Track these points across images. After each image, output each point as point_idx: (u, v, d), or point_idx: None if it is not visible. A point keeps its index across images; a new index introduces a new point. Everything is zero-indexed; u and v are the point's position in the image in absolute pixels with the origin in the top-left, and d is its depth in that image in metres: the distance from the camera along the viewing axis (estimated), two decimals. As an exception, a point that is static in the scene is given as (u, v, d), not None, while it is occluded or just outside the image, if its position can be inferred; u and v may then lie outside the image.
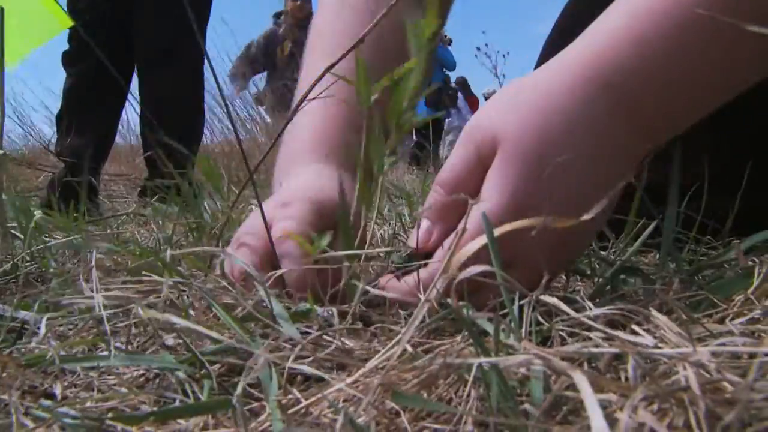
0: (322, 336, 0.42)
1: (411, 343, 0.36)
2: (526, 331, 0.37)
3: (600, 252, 0.64)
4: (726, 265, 0.53)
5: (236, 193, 0.61)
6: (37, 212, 0.88)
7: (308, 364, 0.37)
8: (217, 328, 0.41)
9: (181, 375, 0.38)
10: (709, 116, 0.49)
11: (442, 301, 0.39)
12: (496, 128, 0.46)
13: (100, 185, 2.53)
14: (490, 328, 0.35)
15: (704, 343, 0.35)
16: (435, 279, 0.38)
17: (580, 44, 0.48)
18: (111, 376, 0.41)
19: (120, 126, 2.87)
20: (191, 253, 0.58)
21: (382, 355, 0.34)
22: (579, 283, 0.60)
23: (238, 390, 0.31)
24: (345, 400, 0.33)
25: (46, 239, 0.83)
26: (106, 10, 2.27)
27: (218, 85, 0.97)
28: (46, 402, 0.36)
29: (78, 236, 0.82)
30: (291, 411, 0.32)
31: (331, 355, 0.39)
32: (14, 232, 0.83)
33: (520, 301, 0.37)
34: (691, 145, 0.52)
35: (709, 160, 0.62)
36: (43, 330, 0.46)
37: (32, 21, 2.02)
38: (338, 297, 0.49)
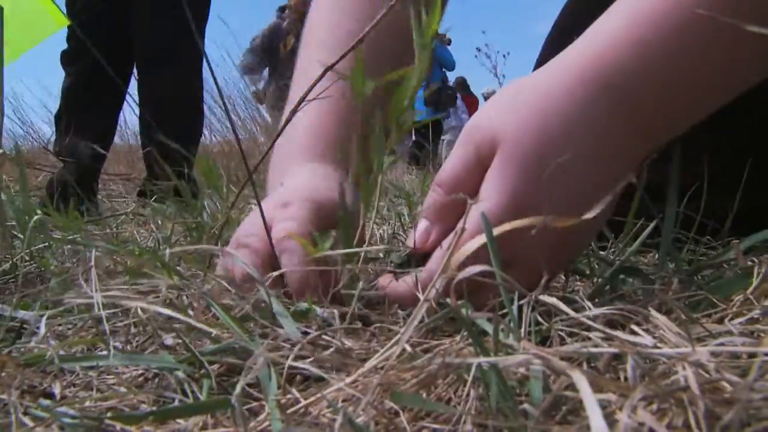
0: (322, 336, 0.42)
1: (410, 342, 0.36)
2: (525, 331, 0.37)
3: (599, 252, 0.64)
4: (725, 265, 0.53)
5: (235, 193, 0.61)
6: (37, 212, 0.88)
7: (307, 363, 0.37)
8: (217, 328, 0.41)
9: (180, 375, 0.38)
10: (708, 116, 0.49)
11: (441, 301, 0.39)
12: (496, 129, 0.46)
13: (99, 185, 2.53)
14: (489, 328, 0.35)
15: (703, 343, 0.35)
16: (434, 279, 0.38)
17: (580, 45, 0.48)
18: (110, 376, 0.41)
19: (119, 126, 2.86)
20: (191, 252, 0.58)
21: (381, 354, 0.34)
22: (578, 283, 0.60)
23: (237, 390, 0.31)
24: (344, 400, 0.33)
25: (46, 238, 0.83)
26: (103, 10, 2.26)
27: (217, 86, 0.98)
28: (45, 401, 0.36)
29: (77, 236, 0.82)
30: (290, 411, 0.32)
31: (331, 355, 0.39)
32: (14, 231, 0.83)
33: (519, 301, 0.37)
34: (690, 145, 0.52)
35: (708, 160, 0.62)
36: (42, 329, 0.46)
37: (28, 20, 2.02)
38: (338, 297, 0.49)
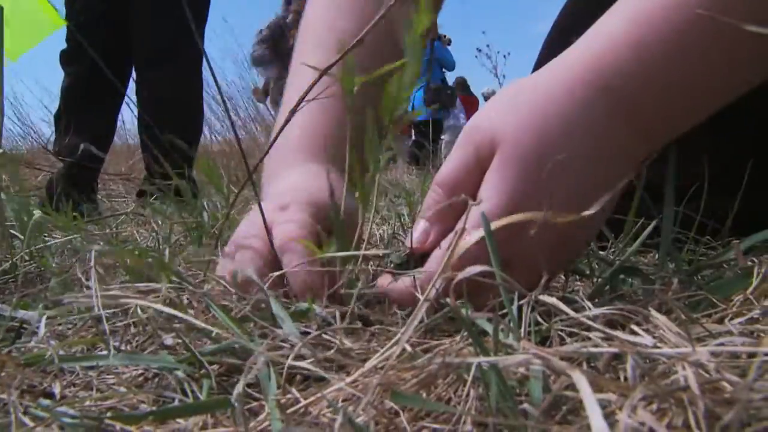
0: (321, 335, 0.42)
1: (410, 342, 0.36)
2: (525, 331, 0.37)
3: (599, 252, 0.64)
4: (725, 265, 0.53)
5: (235, 192, 0.61)
6: (36, 212, 0.88)
7: (307, 363, 0.37)
8: (217, 328, 0.41)
9: (180, 374, 0.38)
10: (708, 117, 0.49)
11: (441, 301, 0.39)
12: (495, 129, 0.46)
13: (99, 185, 2.53)
14: (489, 328, 0.35)
15: (703, 343, 0.35)
16: (434, 279, 0.38)
17: (580, 46, 0.48)
18: (110, 376, 0.41)
19: (119, 126, 2.86)
20: (192, 255, 0.58)
21: (381, 354, 0.34)
22: (578, 283, 0.60)
23: (238, 389, 0.31)
24: (344, 400, 0.33)
25: (45, 239, 0.83)
26: (103, 10, 2.26)
27: (217, 85, 0.98)
28: (45, 401, 0.36)
29: (77, 235, 0.82)
30: (290, 410, 0.32)
31: (330, 355, 0.39)
32: (14, 231, 0.83)
33: (519, 301, 0.37)
34: (690, 146, 0.52)
35: (708, 160, 0.62)
36: (42, 329, 0.46)
37: (26, 21, 2.02)
38: (337, 297, 0.49)
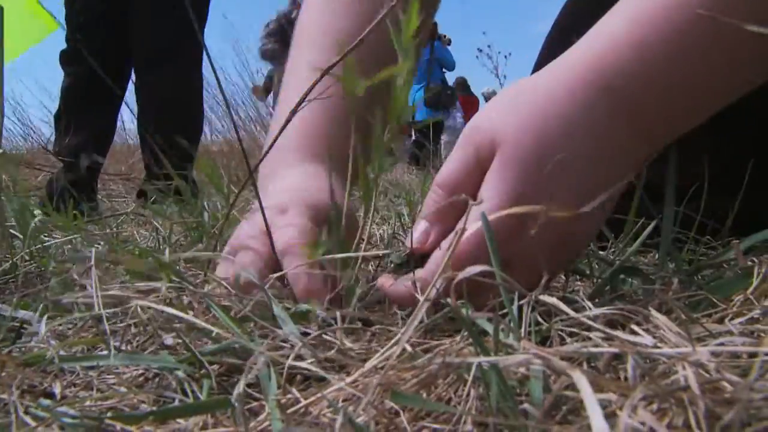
0: (322, 336, 0.42)
1: (410, 342, 0.36)
2: (525, 331, 0.37)
3: (599, 252, 0.64)
4: (725, 265, 0.53)
5: (235, 193, 0.61)
6: (36, 212, 0.88)
7: (307, 363, 0.37)
8: (217, 328, 0.41)
9: (180, 374, 0.38)
10: (709, 117, 0.49)
11: (441, 301, 0.39)
12: (496, 130, 0.46)
13: (99, 185, 2.53)
14: (489, 328, 0.35)
15: (704, 343, 0.35)
16: (434, 279, 0.38)
17: (581, 47, 0.48)
18: (110, 376, 0.41)
19: (119, 126, 2.86)
20: (193, 257, 0.58)
21: (382, 354, 0.34)
22: (578, 283, 0.60)
23: (238, 389, 0.31)
24: (344, 400, 0.33)
25: (45, 239, 0.83)
26: (102, 11, 2.26)
27: (219, 85, 0.98)
28: (46, 401, 0.36)
29: (77, 236, 0.82)
30: (290, 410, 0.32)
31: (331, 355, 0.39)
32: (14, 231, 0.83)
33: (519, 301, 0.37)
34: (691, 146, 0.52)
35: (708, 160, 0.62)
36: (42, 329, 0.46)
37: (20, 24, 2.02)
38: (337, 298, 0.49)
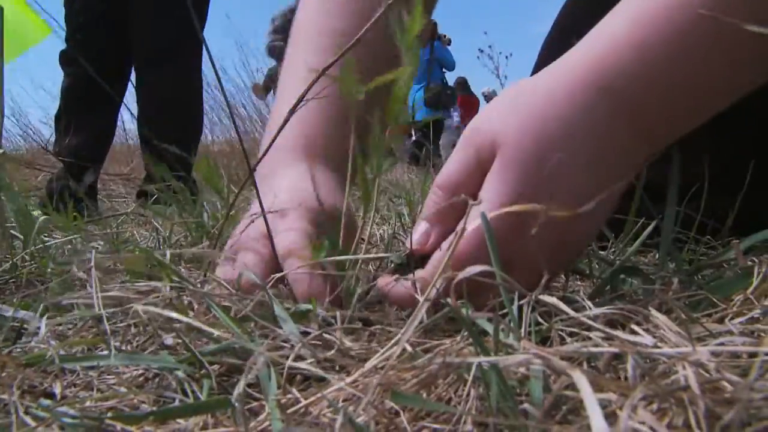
0: (322, 336, 0.42)
1: (410, 342, 0.36)
2: (525, 331, 0.37)
3: (599, 252, 0.64)
4: (725, 265, 0.53)
5: (235, 193, 0.61)
6: (36, 212, 0.88)
7: (308, 363, 0.37)
8: (216, 328, 0.41)
9: (180, 374, 0.38)
10: (710, 117, 0.49)
11: (441, 301, 0.39)
12: (496, 131, 0.46)
13: (99, 185, 2.53)
14: (489, 328, 0.35)
15: (704, 343, 0.35)
16: (434, 279, 0.38)
17: (582, 48, 0.48)
18: (110, 376, 0.41)
19: (119, 126, 2.86)
20: (193, 255, 0.58)
21: (382, 354, 0.34)
22: (578, 282, 0.60)
23: (238, 389, 0.31)
24: (344, 400, 0.33)
25: (45, 239, 0.83)
26: (102, 11, 2.26)
27: (220, 84, 0.98)
28: (46, 401, 0.36)
29: (77, 236, 0.82)
30: (290, 410, 0.32)
31: (331, 355, 0.39)
32: (14, 232, 0.83)
33: (519, 301, 0.37)
34: (691, 146, 0.52)
35: (709, 160, 0.62)
36: (42, 329, 0.46)
37: (12, 30, 2.02)
38: (338, 299, 0.49)
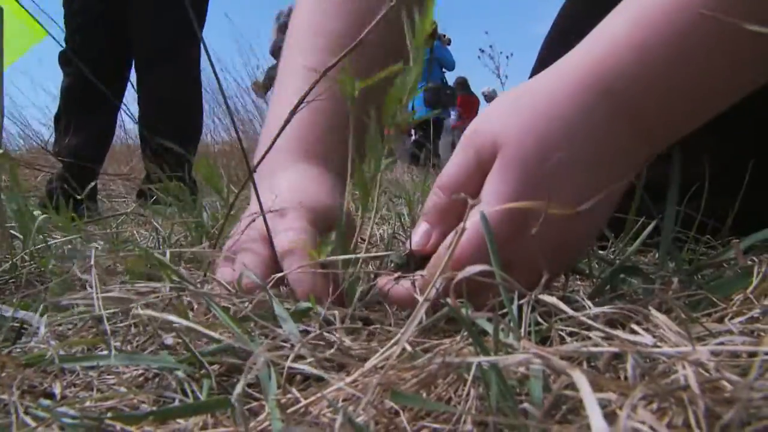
0: (322, 335, 0.42)
1: (410, 342, 0.36)
2: (525, 331, 0.37)
3: (599, 251, 0.64)
4: (725, 265, 0.53)
5: (235, 192, 0.61)
6: (36, 212, 0.88)
7: (307, 363, 0.37)
8: (216, 328, 0.41)
9: (180, 374, 0.38)
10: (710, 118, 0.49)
11: (441, 301, 0.39)
12: (496, 133, 0.46)
13: (99, 185, 2.53)
14: (489, 328, 0.35)
15: (703, 342, 0.35)
16: (434, 279, 0.38)
17: (582, 50, 0.48)
18: (110, 376, 0.41)
19: (118, 126, 2.86)
20: (193, 255, 0.58)
21: (381, 354, 0.34)
22: (578, 282, 0.60)
23: (238, 389, 0.31)
24: (344, 400, 0.33)
25: (45, 239, 0.83)
26: (101, 11, 2.26)
27: (219, 85, 0.98)
28: (46, 401, 0.36)
29: (77, 236, 0.82)
30: (290, 410, 0.32)
31: (331, 355, 0.39)
32: (14, 232, 0.83)
33: (519, 300, 0.37)
34: (691, 146, 0.52)
35: (709, 160, 0.62)
36: (42, 330, 0.46)
37: (8, 33, 2.02)
38: (338, 301, 0.49)
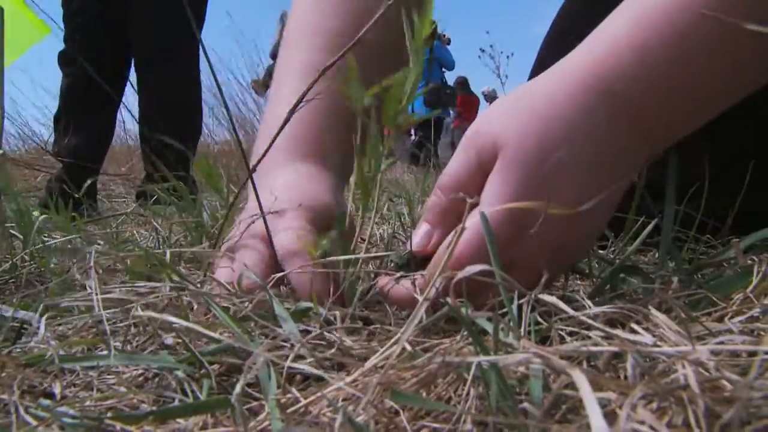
0: (322, 335, 0.42)
1: (410, 342, 0.36)
2: (525, 330, 0.37)
3: (599, 251, 0.64)
4: (725, 264, 0.53)
5: (235, 192, 0.61)
6: (36, 212, 0.88)
7: (307, 363, 0.37)
8: (216, 328, 0.41)
9: (180, 374, 0.38)
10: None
11: (441, 301, 0.39)
12: (497, 134, 0.46)
13: (99, 185, 2.53)
14: (489, 327, 0.35)
15: (703, 342, 0.35)
16: (434, 279, 0.38)
17: (582, 51, 0.48)
18: (110, 376, 0.41)
19: (118, 126, 2.86)
20: (193, 255, 0.58)
21: (381, 354, 0.34)
22: (578, 282, 0.60)
23: (237, 389, 0.31)
24: (344, 399, 0.33)
25: (45, 239, 0.83)
26: (100, 11, 2.26)
27: (218, 85, 0.98)
28: (46, 401, 0.36)
29: (77, 236, 0.82)
30: (290, 410, 0.32)
31: (331, 355, 0.39)
32: (13, 232, 0.83)
33: (519, 300, 0.37)
34: (691, 146, 0.52)
35: (709, 159, 0.62)
36: (42, 330, 0.46)
37: (11, 30, 2.03)
38: (339, 301, 0.49)
